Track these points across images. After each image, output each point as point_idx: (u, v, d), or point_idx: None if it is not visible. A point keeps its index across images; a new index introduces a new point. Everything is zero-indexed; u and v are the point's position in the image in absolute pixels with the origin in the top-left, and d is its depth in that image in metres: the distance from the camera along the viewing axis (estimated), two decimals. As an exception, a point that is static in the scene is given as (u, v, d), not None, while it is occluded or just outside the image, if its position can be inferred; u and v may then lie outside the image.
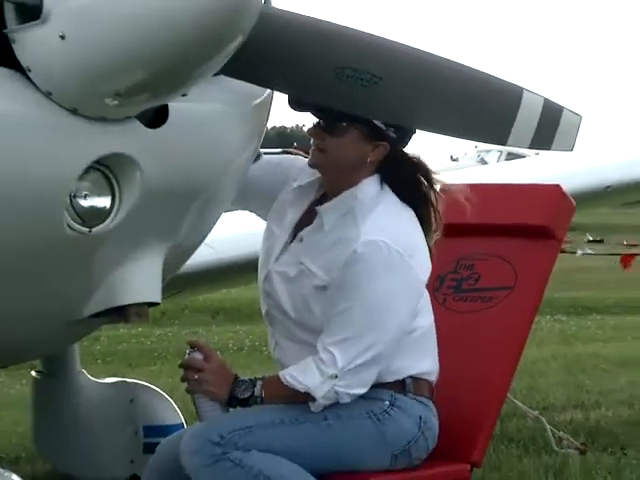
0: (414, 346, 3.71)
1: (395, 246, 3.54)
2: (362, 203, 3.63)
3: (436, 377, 3.79)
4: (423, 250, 3.68)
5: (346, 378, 3.55)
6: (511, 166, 9.17)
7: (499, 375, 4.10)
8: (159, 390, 5.38)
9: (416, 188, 3.71)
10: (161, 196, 3.27)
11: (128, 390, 5.45)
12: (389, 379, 3.67)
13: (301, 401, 3.58)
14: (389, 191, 3.68)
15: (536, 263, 4.26)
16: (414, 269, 3.60)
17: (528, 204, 4.37)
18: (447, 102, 3.50)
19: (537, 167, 6.59)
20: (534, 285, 4.23)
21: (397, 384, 3.70)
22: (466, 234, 4.12)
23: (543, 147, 3.75)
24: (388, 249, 3.53)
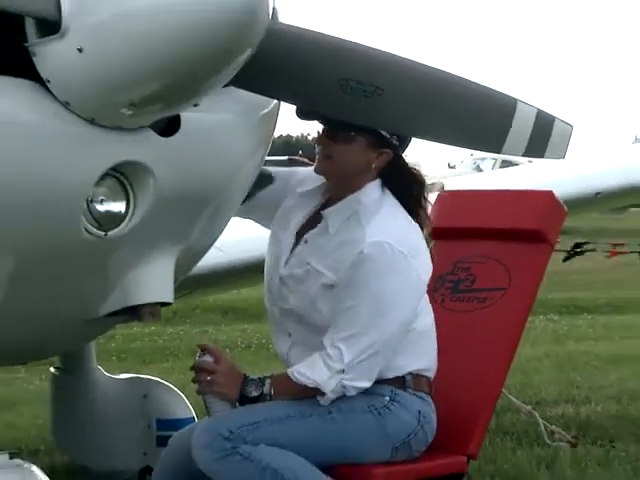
0: (415, 344, 3.71)
1: (399, 247, 3.54)
2: (366, 206, 3.64)
3: (434, 373, 3.79)
4: (424, 251, 3.69)
5: (353, 372, 3.55)
6: (505, 173, 9.15)
7: (494, 372, 4.10)
8: (171, 386, 5.38)
9: (413, 193, 3.72)
10: (173, 201, 3.27)
11: (142, 386, 5.45)
12: (390, 375, 3.68)
13: (310, 396, 3.59)
14: (390, 195, 3.69)
15: (529, 265, 4.26)
16: (417, 269, 3.61)
17: (522, 209, 4.37)
18: (446, 113, 3.50)
19: (530, 174, 6.59)
20: (527, 286, 4.23)
21: (397, 380, 3.70)
22: (463, 237, 4.12)
23: (536, 155, 3.75)
24: (392, 250, 3.54)
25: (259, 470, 3.50)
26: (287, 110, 3.61)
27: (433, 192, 3.81)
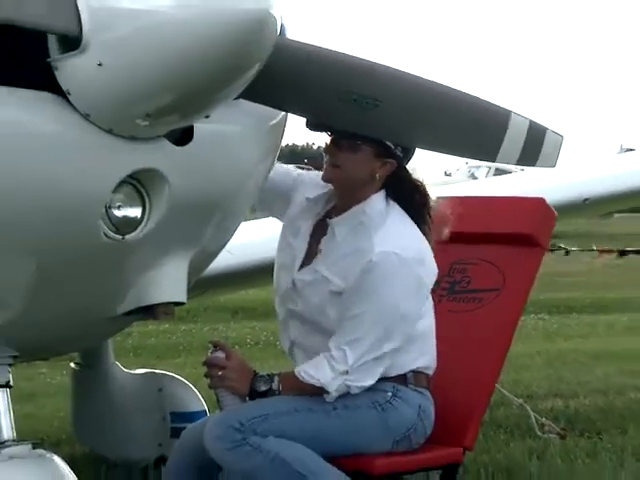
0: (416, 345, 3.71)
1: (405, 256, 3.54)
2: (371, 217, 3.63)
3: (433, 370, 3.79)
4: (430, 257, 3.68)
5: (355, 373, 3.55)
6: (499, 181, 9.13)
7: (489, 368, 4.10)
8: (184, 380, 5.37)
9: (417, 202, 3.71)
10: (186, 207, 3.26)
11: (157, 380, 5.44)
12: (392, 374, 3.68)
13: (315, 393, 3.58)
14: (395, 205, 3.68)
15: (522, 267, 4.25)
16: (421, 277, 3.62)
17: (515, 215, 4.37)
18: (443, 123, 3.49)
19: (522, 182, 6.57)
20: (520, 287, 4.22)
21: (399, 377, 3.70)
22: (459, 241, 4.10)
23: (528, 164, 3.74)
24: (399, 259, 3.53)
25: (268, 460, 3.50)
26: (293, 121, 3.62)
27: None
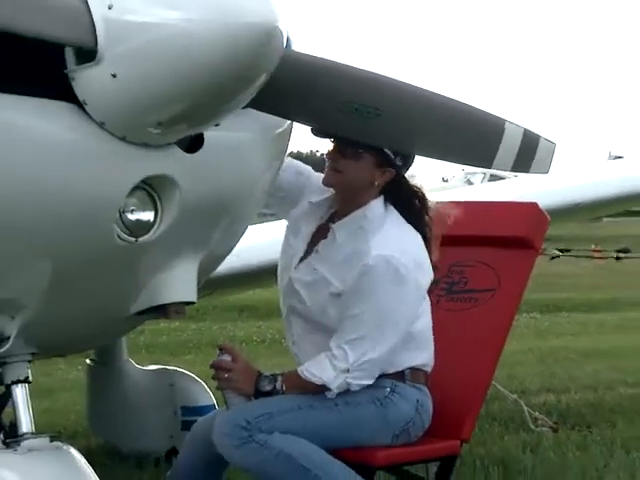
0: (414, 344, 3.70)
1: (402, 259, 3.53)
2: (371, 221, 3.62)
3: (431, 367, 3.78)
4: (426, 259, 3.67)
5: (356, 371, 3.55)
6: (494, 186, 9.11)
7: (484, 365, 4.09)
8: (194, 376, 5.38)
9: (414, 207, 3.71)
10: (196, 211, 3.26)
11: (168, 376, 5.45)
12: (390, 371, 3.67)
13: (318, 391, 3.58)
14: (394, 210, 3.67)
15: (516, 269, 4.25)
16: (417, 279, 3.60)
17: (509, 219, 4.36)
18: (441, 132, 3.49)
19: (517, 187, 6.56)
20: (514, 288, 4.22)
21: (397, 374, 3.69)
22: (457, 244, 4.10)
23: (522, 170, 3.74)
24: (396, 262, 3.52)
25: (273, 455, 3.49)
26: (298, 129, 3.62)
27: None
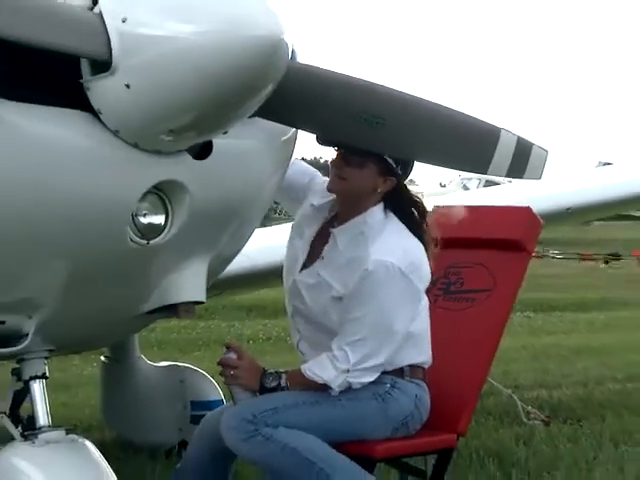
0: (412, 342, 3.70)
1: (400, 264, 3.53)
2: (371, 227, 3.62)
3: (429, 364, 3.78)
4: (424, 262, 3.66)
5: (356, 371, 3.55)
6: (489, 191, 9.11)
7: (480, 361, 4.08)
8: (203, 372, 5.37)
9: (413, 213, 3.71)
10: (206, 215, 3.26)
11: (178, 372, 5.45)
12: (390, 368, 3.67)
13: (320, 389, 3.58)
14: (393, 216, 3.67)
15: (511, 270, 4.24)
16: (414, 282, 3.59)
17: (504, 222, 4.36)
18: (439, 140, 3.49)
19: (511, 192, 6.55)
20: (509, 288, 4.21)
21: (397, 371, 3.69)
22: (454, 246, 4.10)
23: (516, 176, 3.73)
24: (394, 267, 3.52)
25: (279, 448, 3.49)
26: (303, 136, 3.61)
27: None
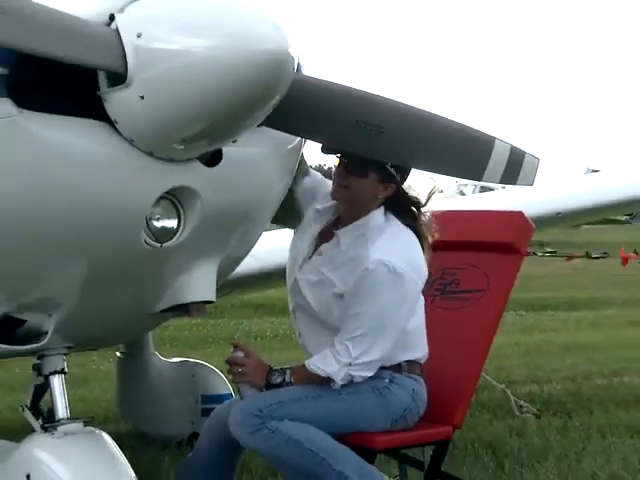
0: (409, 339, 3.70)
1: (398, 264, 3.52)
2: (371, 230, 3.62)
3: (425, 359, 3.77)
4: (421, 262, 3.66)
5: (358, 365, 3.54)
6: (484, 197, 9.11)
7: (475, 357, 4.07)
8: (213, 367, 5.38)
9: (412, 216, 3.71)
10: (216, 219, 3.26)
11: (190, 367, 5.46)
12: (388, 364, 3.66)
13: (323, 383, 3.57)
14: (394, 219, 3.67)
15: (504, 271, 4.23)
16: (412, 281, 3.59)
17: (497, 226, 4.34)
18: (438, 148, 3.48)
19: (504, 197, 6.55)
20: (502, 288, 4.19)
21: (395, 366, 3.69)
22: (450, 248, 4.10)
23: (509, 182, 3.72)
24: (393, 267, 3.52)
25: (284, 441, 3.48)
26: (307, 144, 3.62)
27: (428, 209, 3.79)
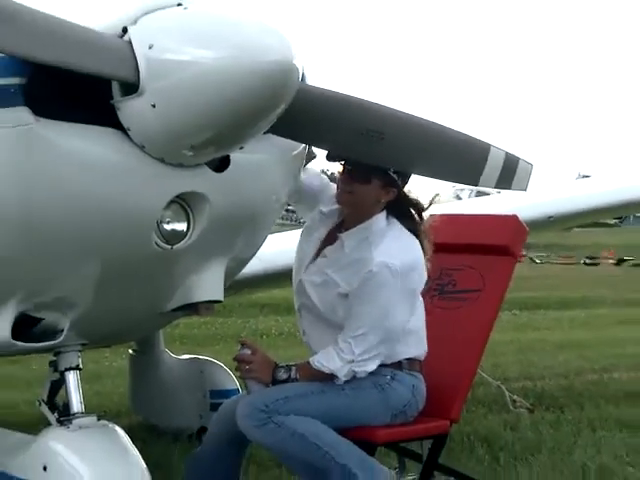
0: (410, 338, 3.70)
1: (401, 267, 3.53)
2: (374, 233, 3.63)
3: (424, 357, 3.77)
4: (421, 264, 3.67)
5: (360, 362, 3.55)
6: (480, 201, 9.10)
7: (471, 354, 4.07)
8: (221, 364, 5.37)
9: (413, 219, 3.71)
10: (224, 222, 3.27)
11: (199, 364, 5.45)
12: (389, 362, 3.67)
13: (327, 379, 3.57)
14: (396, 222, 3.68)
15: (499, 272, 4.22)
16: (413, 283, 3.61)
17: (493, 229, 4.34)
18: (436, 155, 3.48)
19: (499, 202, 6.55)
20: (498, 289, 4.19)
21: (396, 364, 3.69)
22: (448, 251, 4.10)
23: (504, 187, 3.73)
24: (395, 269, 3.52)
25: (289, 434, 3.48)
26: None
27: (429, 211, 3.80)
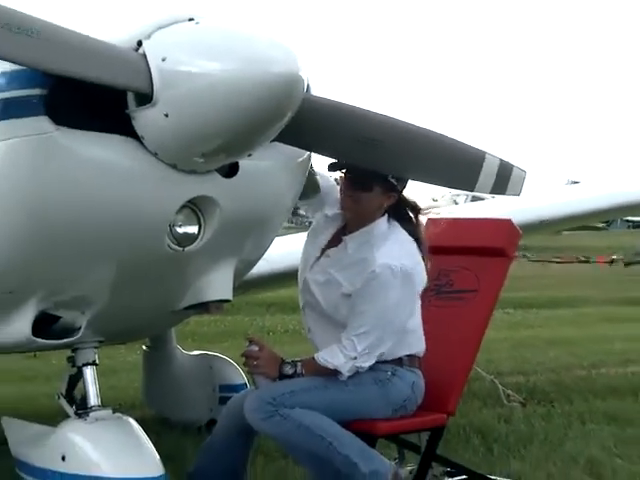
0: (409, 336, 3.70)
1: (401, 267, 3.53)
2: (376, 237, 3.63)
3: (423, 353, 3.77)
4: (421, 266, 3.67)
5: (362, 358, 3.55)
6: (475, 206, 9.10)
7: (467, 351, 4.06)
8: (230, 359, 5.37)
9: (411, 221, 3.71)
10: (233, 226, 3.27)
11: (208, 360, 5.45)
12: (390, 358, 3.66)
13: (331, 374, 3.57)
14: (397, 225, 3.68)
15: (494, 273, 4.21)
16: (413, 284, 3.61)
17: (488, 232, 4.33)
18: (433, 161, 3.48)
19: (494, 206, 6.54)
20: (492, 289, 4.18)
21: (396, 360, 3.69)
22: (445, 253, 4.09)
23: (499, 192, 3.73)
24: (396, 270, 3.53)
25: (295, 427, 3.48)
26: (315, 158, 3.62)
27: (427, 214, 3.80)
